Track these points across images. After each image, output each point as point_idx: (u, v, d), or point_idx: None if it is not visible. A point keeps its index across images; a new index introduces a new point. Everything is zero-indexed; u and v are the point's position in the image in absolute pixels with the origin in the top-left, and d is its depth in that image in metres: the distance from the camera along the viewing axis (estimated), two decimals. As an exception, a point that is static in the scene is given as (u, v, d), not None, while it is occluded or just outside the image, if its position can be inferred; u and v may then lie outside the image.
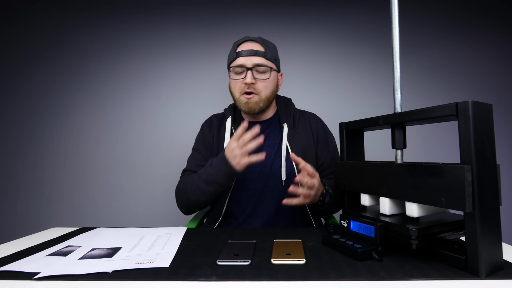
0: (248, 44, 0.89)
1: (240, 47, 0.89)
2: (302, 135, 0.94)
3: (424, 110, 0.49)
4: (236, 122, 0.97)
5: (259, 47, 0.89)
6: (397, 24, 0.56)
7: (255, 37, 0.91)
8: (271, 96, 0.93)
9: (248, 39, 0.90)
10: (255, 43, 0.89)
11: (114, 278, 0.44)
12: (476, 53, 1.55)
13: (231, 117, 0.97)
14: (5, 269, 0.48)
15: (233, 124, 0.96)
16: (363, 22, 1.56)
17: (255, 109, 0.90)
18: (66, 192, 1.59)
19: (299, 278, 0.43)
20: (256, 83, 0.88)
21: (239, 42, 0.91)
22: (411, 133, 1.43)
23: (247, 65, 0.87)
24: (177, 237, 0.65)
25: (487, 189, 0.42)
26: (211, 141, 0.99)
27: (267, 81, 0.89)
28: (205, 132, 1.01)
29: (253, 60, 0.87)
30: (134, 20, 1.59)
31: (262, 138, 0.75)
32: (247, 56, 0.87)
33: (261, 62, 0.87)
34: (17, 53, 1.61)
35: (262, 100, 0.90)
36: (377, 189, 0.56)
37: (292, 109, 1.00)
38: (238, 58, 0.88)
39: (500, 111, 1.52)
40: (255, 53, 0.87)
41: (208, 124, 1.03)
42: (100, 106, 1.60)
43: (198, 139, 1.04)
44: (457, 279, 0.42)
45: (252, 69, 0.87)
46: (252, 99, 0.89)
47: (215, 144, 0.97)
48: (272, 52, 0.91)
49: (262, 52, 0.88)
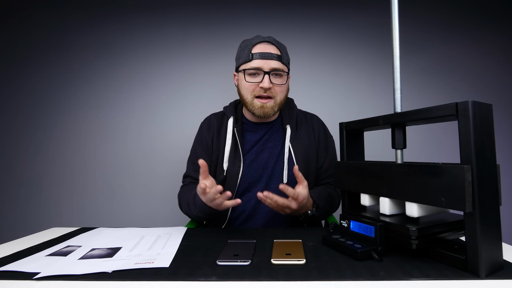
0: (264, 46, 0.86)
1: (256, 49, 0.85)
2: (305, 137, 0.94)
3: (424, 110, 0.49)
4: (238, 123, 0.94)
5: (275, 50, 0.86)
6: (397, 24, 0.56)
7: (269, 37, 0.88)
8: (284, 100, 0.91)
9: (263, 40, 0.86)
10: (271, 46, 0.86)
11: (114, 278, 0.44)
12: (476, 53, 1.55)
13: (232, 117, 0.94)
14: (5, 269, 0.48)
15: (235, 125, 0.93)
16: (363, 22, 1.56)
17: (270, 114, 0.88)
18: (66, 192, 1.59)
19: (299, 278, 0.43)
20: (272, 88, 0.85)
21: (254, 43, 0.86)
22: (411, 133, 1.43)
23: (265, 68, 0.84)
24: (177, 237, 0.65)
25: (487, 189, 0.42)
26: (210, 143, 0.96)
27: (283, 86, 0.87)
28: (204, 133, 0.98)
29: (271, 64, 0.84)
30: (134, 20, 1.59)
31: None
32: (264, 60, 0.84)
33: (278, 66, 0.85)
34: (17, 53, 1.61)
35: (277, 105, 0.88)
36: (377, 189, 0.56)
37: (295, 111, 0.98)
38: (254, 60, 0.84)
39: (500, 111, 1.52)
40: (272, 56, 0.84)
41: (207, 125, 0.99)
42: (100, 106, 1.60)
43: (196, 140, 1.01)
44: (457, 279, 0.42)
45: (269, 73, 0.84)
46: (268, 103, 0.86)
47: (215, 147, 0.95)
48: (286, 55, 0.89)
49: (279, 56, 0.85)
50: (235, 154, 0.90)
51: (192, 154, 1.00)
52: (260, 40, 0.86)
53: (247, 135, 0.94)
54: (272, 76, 0.85)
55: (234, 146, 0.91)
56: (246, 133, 0.95)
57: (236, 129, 0.92)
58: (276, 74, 0.86)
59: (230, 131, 0.91)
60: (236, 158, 0.90)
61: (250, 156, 0.91)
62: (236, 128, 0.92)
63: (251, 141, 0.93)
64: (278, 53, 0.85)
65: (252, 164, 0.90)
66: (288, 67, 0.90)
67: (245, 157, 0.91)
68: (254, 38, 0.88)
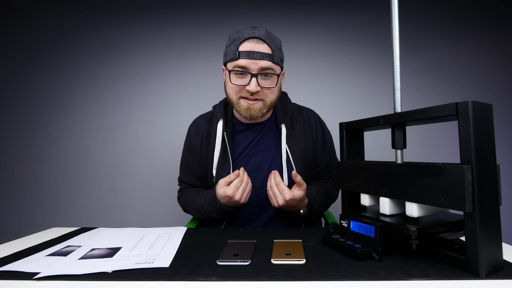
0: (253, 44, 0.76)
1: (244, 46, 0.76)
2: (301, 135, 0.89)
3: (424, 110, 0.49)
4: (228, 125, 0.87)
5: (266, 48, 0.76)
6: (397, 24, 0.56)
7: (261, 32, 0.77)
8: (276, 100, 0.84)
9: (253, 35, 0.76)
10: (262, 43, 0.76)
11: (114, 278, 0.44)
12: (476, 53, 1.55)
13: (222, 120, 0.86)
14: (5, 269, 0.48)
15: (225, 129, 0.85)
16: (363, 22, 1.56)
17: (258, 116, 0.81)
18: (66, 192, 1.59)
19: (299, 278, 0.43)
20: (260, 91, 0.78)
21: (242, 38, 0.76)
22: (411, 133, 1.42)
23: (252, 70, 0.76)
24: (177, 237, 0.65)
25: (487, 189, 0.42)
26: (198, 149, 0.91)
27: (272, 88, 0.80)
28: (192, 139, 0.93)
29: (259, 64, 0.75)
30: (134, 20, 1.59)
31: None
32: (252, 60, 0.75)
33: (267, 66, 0.76)
34: (17, 53, 1.61)
35: (266, 106, 0.81)
36: (377, 189, 0.56)
37: (289, 106, 0.92)
38: (241, 59, 0.75)
39: (500, 111, 1.52)
40: (262, 56, 0.75)
41: (195, 130, 0.93)
42: (100, 106, 1.60)
43: (185, 146, 0.97)
44: (457, 279, 0.42)
45: (257, 75, 0.76)
46: (255, 105, 0.79)
47: (204, 152, 0.89)
48: (279, 52, 0.80)
49: (269, 55, 0.76)
50: (223, 160, 0.85)
51: (182, 160, 0.98)
52: (249, 36, 0.76)
53: (238, 137, 0.89)
54: (261, 77, 0.77)
55: (223, 151, 0.85)
56: (236, 135, 0.89)
57: (226, 133, 0.85)
58: (266, 75, 0.78)
59: (219, 136, 0.84)
60: (225, 164, 0.85)
61: (241, 160, 0.87)
62: (226, 132, 0.85)
63: (242, 144, 0.88)
64: (269, 51, 0.76)
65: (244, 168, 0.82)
66: (281, 65, 0.82)
67: (236, 162, 0.87)
68: (244, 31, 0.78)
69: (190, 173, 0.95)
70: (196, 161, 0.93)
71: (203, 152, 0.90)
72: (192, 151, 0.93)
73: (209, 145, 0.89)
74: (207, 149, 0.89)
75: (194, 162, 0.93)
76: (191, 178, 0.96)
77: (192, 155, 0.93)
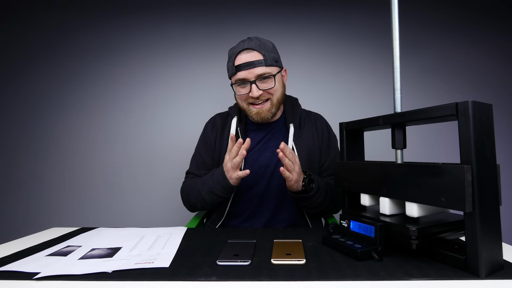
0: (245, 55, 0.85)
1: (238, 60, 0.85)
2: (308, 135, 0.94)
3: (424, 110, 0.49)
4: (242, 122, 0.96)
5: (256, 56, 0.84)
6: (397, 24, 0.56)
7: (251, 43, 0.86)
8: (282, 97, 0.91)
9: (243, 48, 0.85)
10: (252, 52, 0.85)
11: (114, 278, 0.44)
12: (476, 53, 1.55)
13: (236, 117, 0.95)
14: (5, 269, 0.48)
15: (239, 125, 0.94)
16: (363, 22, 1.56)
17: (268, 117, 0.89)
18: (66, 192, 1.59)
19: (299, 278, 0.43)
20: (263, 93, 0.86)
21: (236, 53, 0.86)
22: (411, 133, 1.42)
23: (249, 78, 0.84)
24: (177, 237, 0.65)
25: (487, 189, 0.42)
26: (213, 142, 0.97)
27: (273, 87, 0.87)
28: (208, 133, 1.00)
29: (255, 72, 0.84)
30: (134, 20, 1.59)
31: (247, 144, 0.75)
32: (248, 69, 0.84)
33: (262, 71, 0.84)
34: (17, 53, 1.61)
35: (274, 105, 0.89)
36: (377, 189, 0.56)
37: (298, 110, 0.99)
38: (238, 72, 0.85)
39: (500, 111, 1.52)
40: (254, 64, 0.83)
41: (211, 125, 1.01)
42: (100, 106, 1.60)
43: (200, 139, 1.03)
44: (457, 279, 0.42)
45: (255, 81, 0.84)
46: (263, 107, 0.88)
47: (218, 146, 0.96)
48: (271, 55, 0.86)
49: (261, 61, 0.84)
50: None
51: (196, 153, 1.02)
52: (240, 49, 0.86)
53: (250, 134, 0.95)
54: (260, 82, 0.85)
55: None
56: (249, 132, 0.96)
57: (240, 129, 0.93)
58: (264, 78, 0.85)
59: (233, 130, 0.93)
60: None
61: (252, 155, 0.92)
62: (240, 128, 0.93)
63: (253, 141, 0.94)
64: (261, 58, 0.84)
65: (254, 163, 0.91)
66: (278, 65, 0.88)
67: (247, 156, 0.91)
68: (236, 46, 0.88)
69: (202, 165, 0.99)
70: (210, 154, 0.98)
71: (216, 146, 0.96)
72: (207, 144, 0.99)
73: (223, 139, 0.95)
74: (220, 143, 0.95)
75: (208, 154, 0.98)
76: (201, 170, 0.98)
77: (206, 147, 0.99)
